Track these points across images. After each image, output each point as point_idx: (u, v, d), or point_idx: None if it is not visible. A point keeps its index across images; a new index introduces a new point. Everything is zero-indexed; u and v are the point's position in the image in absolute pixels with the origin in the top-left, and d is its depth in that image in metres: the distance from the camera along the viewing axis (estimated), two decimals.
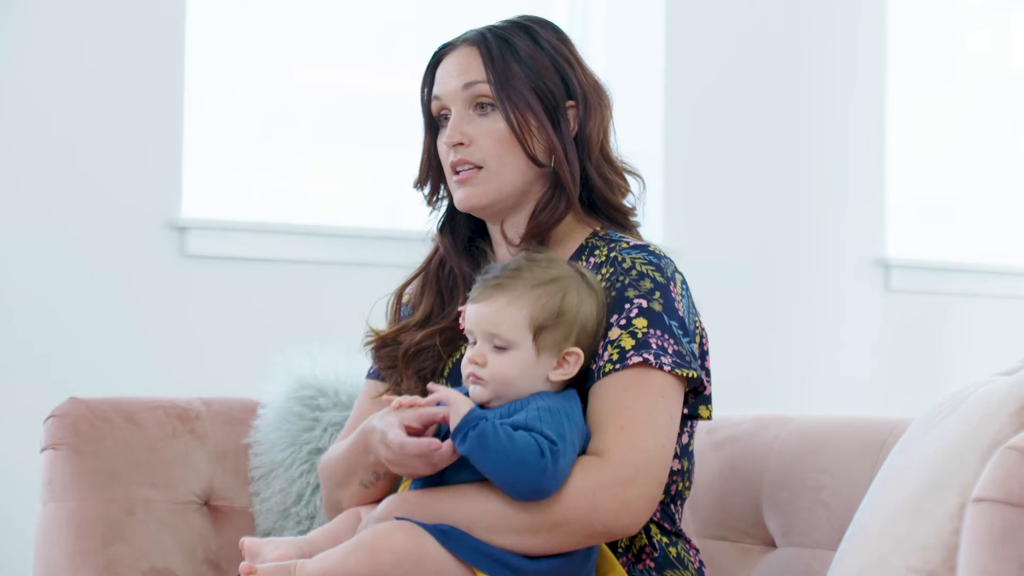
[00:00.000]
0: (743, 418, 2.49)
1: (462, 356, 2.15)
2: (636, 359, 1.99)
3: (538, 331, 1.97)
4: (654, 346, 2.00)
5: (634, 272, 2.07)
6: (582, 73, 2.21)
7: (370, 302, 2.37)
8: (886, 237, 4.78)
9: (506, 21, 2.22)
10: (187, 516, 2.61)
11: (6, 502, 3.46)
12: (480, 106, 2.16)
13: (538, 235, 2.15)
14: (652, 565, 2.11)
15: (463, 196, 2.16)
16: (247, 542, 2.02)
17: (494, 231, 2.22)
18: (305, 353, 2.70)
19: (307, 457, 2.61)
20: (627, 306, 2.04)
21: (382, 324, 2.32)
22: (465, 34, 2.21)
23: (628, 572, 2.08)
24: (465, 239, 2.26)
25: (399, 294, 2.31)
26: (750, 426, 2.46)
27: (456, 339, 2.21)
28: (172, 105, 3.70)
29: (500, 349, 1.98)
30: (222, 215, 3.84)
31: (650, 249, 2.11)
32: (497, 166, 2.14)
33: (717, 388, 2.24)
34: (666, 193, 4.40)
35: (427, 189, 2.26)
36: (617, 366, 2.00)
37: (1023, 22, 5.25)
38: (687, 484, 2.18)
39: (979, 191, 5.15)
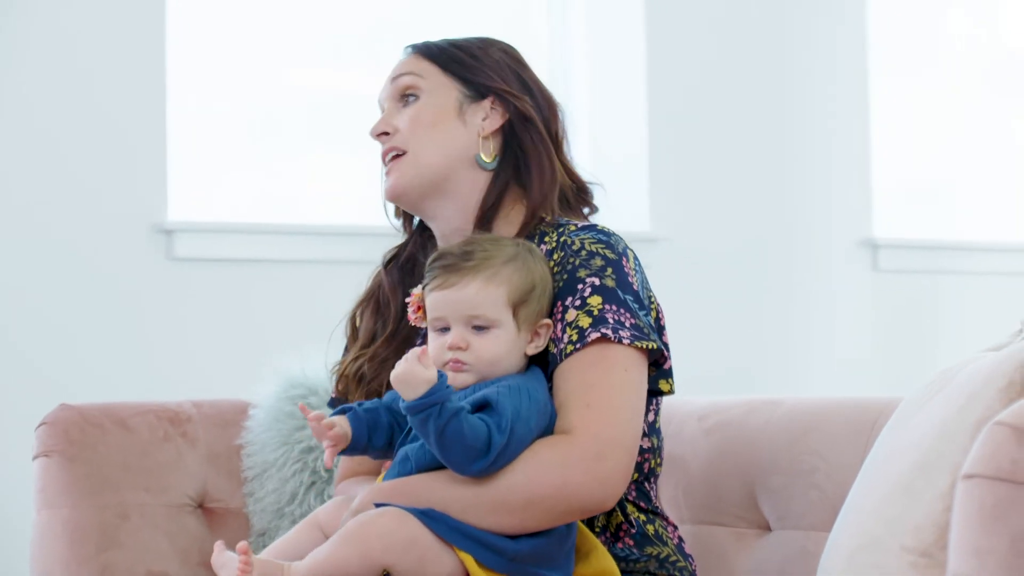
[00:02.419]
0: (734, 403, 2.50)
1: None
2: (594, 335, 2.01)
3: (516, 307, 2.00)
4: (611, 321, 2.02)
5: (584, 252, 2.08)
6: (534, 77, 2.27)
7: (358, 299, 2.38)
8: (873, 217, 4.78)
9: (458, 37, 2.29)
10: (181, 519, 2.61)
11: (1, 510, 3.46)
12: (404, 98, 2.24)
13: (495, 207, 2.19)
14: (631, 543, 2.12)
15: (388, 186, 2.23)
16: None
17: (434, 228, 2.25)
18: (294, 353, 2.71)
19: (299, 456, 2.61)
20: (580, 286, 2.05)
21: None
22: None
23: (609, 550, 2.09)
24: (405, 264, 2.31)
25: (352, 320, 2.34)
26: (741, 411, 2.46)
27: (392, 356, 2.22)
28: (155, 108, 3.70)
29: (481, 330, 2.00)
30: (209, 217, 3.84)
31: (598, 228, 2.13)
32: (415, 146, 2.20)
33: (708, 374, 2.25)
34: (651, 181, 4.40)
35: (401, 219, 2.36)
36: (577, 346, 2.01)
37: (1006, 0, 5.25)
38: (658, 461, 2.19)
39: (964, 169, 5.15)
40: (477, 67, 2.22)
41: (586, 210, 2.29)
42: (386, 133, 2.23)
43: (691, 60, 4.50)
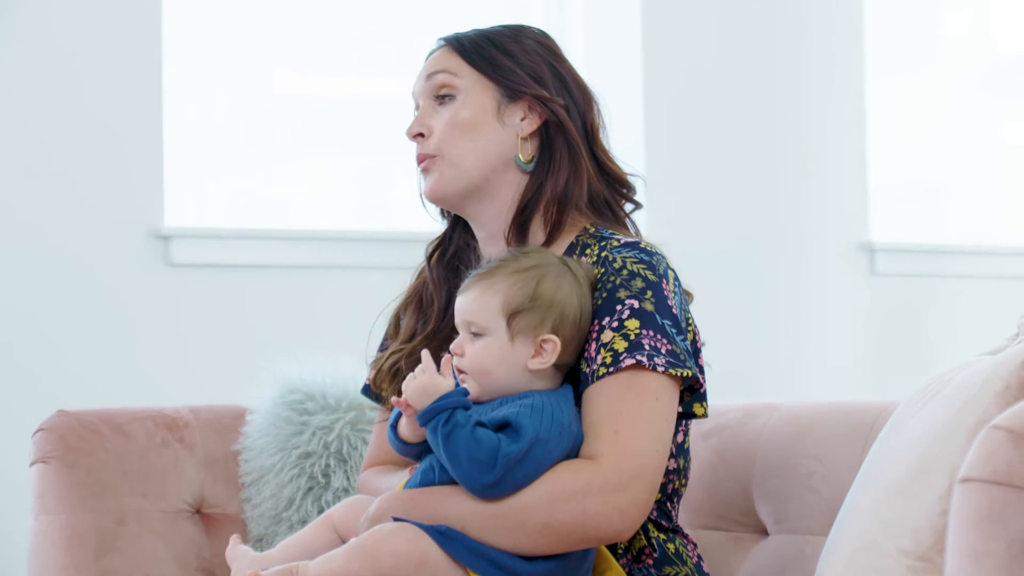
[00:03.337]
0: (731, 407, 2.49)
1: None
2: (629, 361, 1.97)
3: (511, 316, 1.97)
4: (647, 347, 1.98)
5: (625, 272, 2.04)
6: (570, 68, 2.22)
7: (354, 305, 2.39)
8: (870, 221, 4.78)
9: (497, 26, 2.24)
10: (179, 525, 2.61)
11: None
12: (440, 97, 2.18)
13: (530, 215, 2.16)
14: (651, 563, 2.10)
15: (426, 187, 2.19)
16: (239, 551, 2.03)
17: (476, 230, 2.23)
18: (291, 358, 2.70)
19: (296, 462, 2.61)
20: (619, 307, 2.01)
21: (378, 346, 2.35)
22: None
23: (627, 571, 2.08)
24: (451, 261, 2.27)
25: (396, 318, 2.31)
26: (738, 415, 2.46)
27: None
28: (152, 114, 3.70)
29: (476, 336, 1.99)
30: (205, 223, 3.84)
31: (641, 246, 2.08)
32: (451, 151, 2.15)
33: (706, 378, 2.23)
34: (648, 184, 4.39)
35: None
36: (610, 369, 1.98)
37: (1002, 1, 5.26)
38: (683, 482, 2.17)
39: (961, 172, 5.15)
40: (512, 68, 2.17)
41: (629, 206, 2.25)
42: (421, 135, 2.18)
43: (687, 63, 4.50)
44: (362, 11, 4.21)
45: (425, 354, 1.96)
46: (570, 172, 2.17)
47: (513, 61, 2.18)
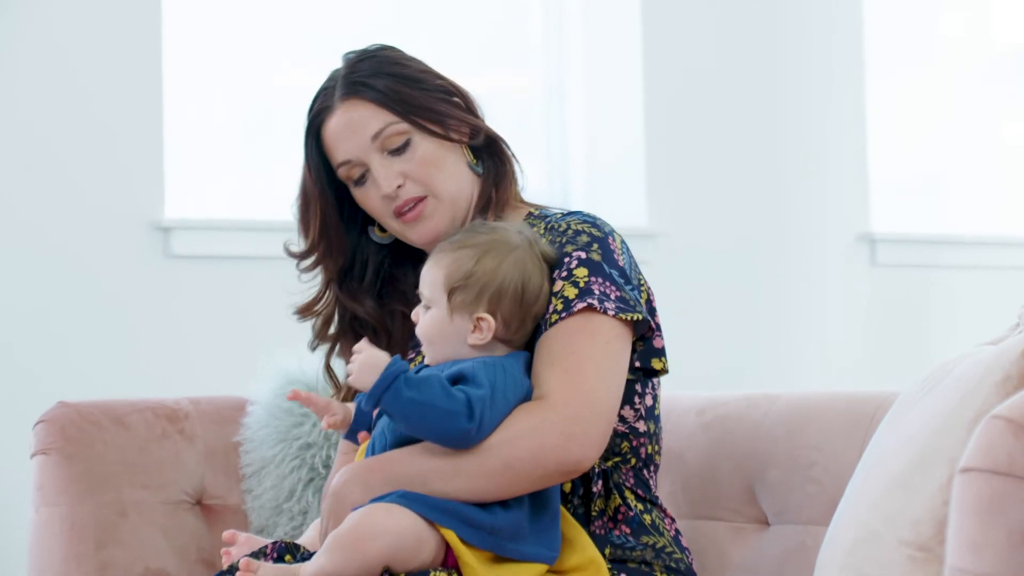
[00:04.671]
0: (731, 397, 2.49)
1: None
2: (580, 305, 2.03)
3: (451, 291, 2.02)
4: (596, 292, 2.05)
5: (570, 231, 2.12)
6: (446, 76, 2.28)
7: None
8: (870, 212, 4.78)
9: (356, 59, 2.26)
10: (180, 516, 2.61)
11: None
12: (394, 150, 2.19)
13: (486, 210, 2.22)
14: (628, 531, 2.13)
15: (422, 232, 2.20)
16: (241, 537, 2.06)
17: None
18: (291, 349, 2.71)
19: (297, 453, 2.61)
20: (567, 260, 2.08)
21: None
22: (335, 91, 2.25)
23: (605, 536, 2.10)
24: (372, 284, 2.31)
25: (328, 368, 2.36)
26: (739, 405, 2.46)
27: None
28: (152, 106, 3.69)
29: (427, 308, 2.05)
30: (205, 215, 3.84)
31: (584, 212, 2.17)
32: (436, 187, 2.19)
33: (706, 369, 2.24)
34: (648, 177, 4.40)
35: (314, 256, 2.31)
36: (563, 315, 2.04)
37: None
38: (656, 448, 2.20)
39: (961, 162, 5.15)
40: (430, 105, 2.20)
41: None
42: (400, 186, 2.19)
43: (687, 54, 4.50)
44: (361, 6, 4.20)
45: (363, 341, 2.00)
46: (509, 169, 2.26)
47: (420, 89, 2.21)
